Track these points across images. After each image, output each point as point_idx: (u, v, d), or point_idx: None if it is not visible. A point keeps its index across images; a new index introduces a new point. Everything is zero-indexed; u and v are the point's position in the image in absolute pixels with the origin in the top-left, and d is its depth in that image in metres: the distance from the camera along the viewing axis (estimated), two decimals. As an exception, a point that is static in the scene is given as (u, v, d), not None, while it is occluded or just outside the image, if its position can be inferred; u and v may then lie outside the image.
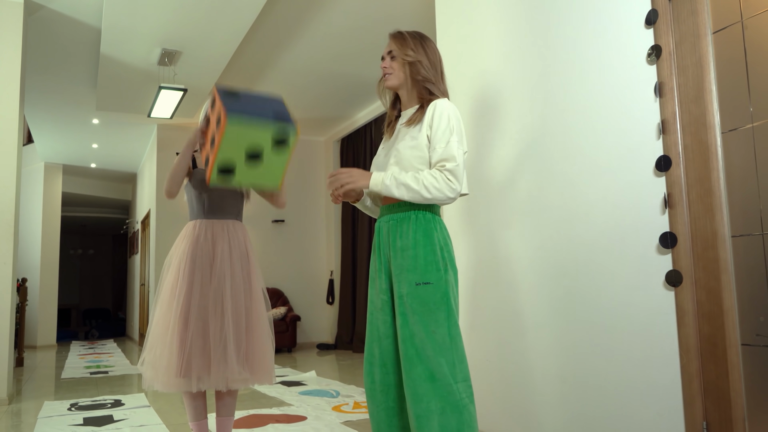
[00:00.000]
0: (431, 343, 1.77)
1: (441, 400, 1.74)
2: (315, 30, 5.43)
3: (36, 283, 9.90)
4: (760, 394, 1.86)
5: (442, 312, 1.80)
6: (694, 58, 2.05)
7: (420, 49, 2.00)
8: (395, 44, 2.02)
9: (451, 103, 1.93)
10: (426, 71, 1.97)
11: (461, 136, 1.89)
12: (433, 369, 1.76)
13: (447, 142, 1.84)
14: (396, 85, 2.02)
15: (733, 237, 1.95)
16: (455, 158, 1.82)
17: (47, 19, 5.10)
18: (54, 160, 10.13)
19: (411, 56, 1.98)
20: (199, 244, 2.54)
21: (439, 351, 1.77)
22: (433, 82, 1.97)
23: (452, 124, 1.87)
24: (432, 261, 1.82)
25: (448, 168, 1.82)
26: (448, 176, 1.82)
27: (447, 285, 1.83)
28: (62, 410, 4.14)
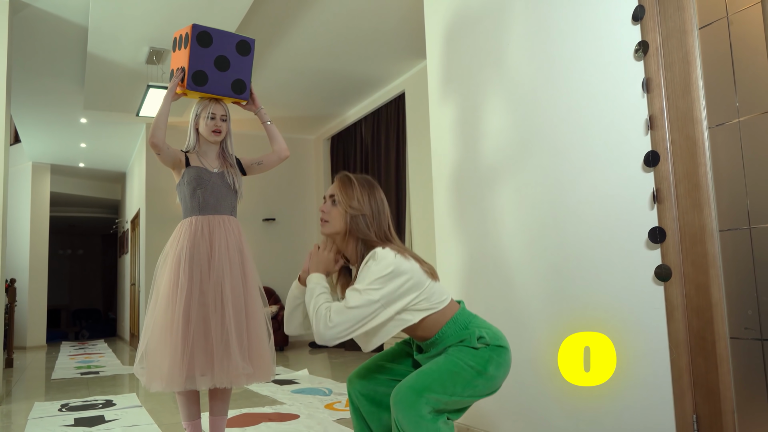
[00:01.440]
0: (443, 374, 1.73)
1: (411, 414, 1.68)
2: (304, 28, 5.42)
3: (25, 284, 9.83)
4: (749, 387, 1.88)
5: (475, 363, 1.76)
6: (680, 53, 2.06)
7: (366, 199, 1.89)
8: (339, 190, 1.92)
9: (387, 249, 1.81)
10: (368, 228, 1.87)
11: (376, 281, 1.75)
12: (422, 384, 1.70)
13: (351, 291, 1.77)
14: (331, 233, 1.92)
15: (721, 231, 1.96)
16: (348, 301, 1.74)
17: (33, 18, 5.05)
18: (42, 159, 10.05)
19: (355, 208, 1.88)
20: (197, 240, 2.53)
21: (444, 383, 1.71)
22: (372, 240, 1.87)
23: (371, 270, 1.77)
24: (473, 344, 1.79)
25: (331, 312, 1.75)
26: (327, 319, 1.74)
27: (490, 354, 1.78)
28: (53, 411, 4.12)
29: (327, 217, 1.92)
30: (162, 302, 2.50)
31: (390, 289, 1.76)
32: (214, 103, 2.64)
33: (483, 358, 1.76)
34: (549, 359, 2.54)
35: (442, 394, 1.70)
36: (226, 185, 2.64)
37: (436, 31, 3.36)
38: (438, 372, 1.73)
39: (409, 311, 1.80)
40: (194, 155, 2.65)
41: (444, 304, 1.85)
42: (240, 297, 2.53)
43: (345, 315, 1.73)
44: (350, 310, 1.73)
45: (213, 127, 2.61)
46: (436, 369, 1.74)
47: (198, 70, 2.57)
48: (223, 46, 2.62)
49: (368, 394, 1.96)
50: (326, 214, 1.92)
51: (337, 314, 1.74)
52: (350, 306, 1.73)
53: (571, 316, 2.44)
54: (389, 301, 1.76)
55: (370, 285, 1.75)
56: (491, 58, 2.92)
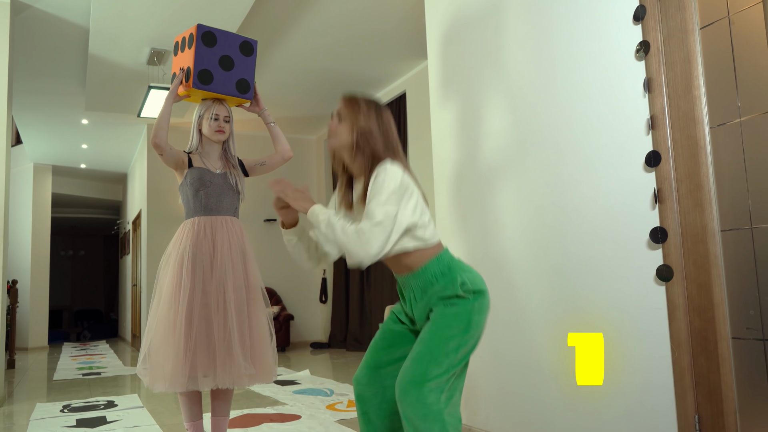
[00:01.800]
0: (435, 351, 1.75)
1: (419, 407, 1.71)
2: (304, 28, 5.42)
3: (27, 285, 9.84)
4: (751, 387, 1.88)
5: (459, 328, 1.77)
6: (682, 53, 2.06)
7: (372, 116, 1.91)
8: (345, 108, 1.94)
9: (396, 163, 1.82)
10: (375, 142, 1.89)
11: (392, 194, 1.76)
12: (422, 374, 1.72)
13: (374, 204, 1.76)
14: (337, 146, 1.94)
15: (723, 231, 1.96)
16: (374, 216, 1.73)
17: (34, 19, 5.06)
18: (43, 160, 10.06)
19: (362, 124, 1.90)
20: (199, 240, 2.53)
21: (438, 360, 1.74)
22: (381, 156, 1.88)
23: (386, 184, 1.77)
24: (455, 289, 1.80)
25: (362, 229, 1.74)
26: (360, 237, 1.73)
27: (472, 309, 1.80)
28: (55, 412, 4.12)
29: (333, 132, 1.95)
30: (165, 303, 2.50)
31: (402, 191, 1.79)
32: (217, 104, 2.65)
33: (465, 311, 1.79)
34: (550, 359, 2.53)
35: (441, 373, 1.73)
36: (229, 186, 2.64)
37: (436, 32, 3.36)
38: (429, 352, 1.75)
39: (408, 235, 1.82)
40: (197, 156, 2.65)
41: (436, 240, 1.87)
42: (242, 298, 2.54)
43: (374, 230, 1.73)
44: (378, 224, 1.73)
45: (216, 127, 2.62)
46: (426, 350, 1.75)
47: (203, 69, 2.58)
48: (227, 46, 2.64)
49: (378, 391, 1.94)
50: (332, 130, 1.95)
51: (368, 232, 1.73)
52: (378, 221, 1.73)
53: (572, 316, 2.44)
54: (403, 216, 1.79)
55: (388, 195, 1.76)
56: (492, 59, 2.92)
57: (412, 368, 1.74)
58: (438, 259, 1.86)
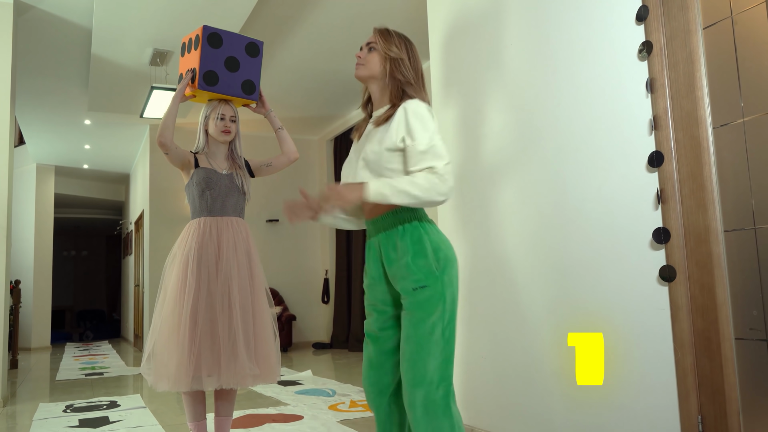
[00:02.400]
0: (426, 346, 1.75)
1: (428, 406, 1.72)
2: (307, 28, 5.42)
3: (29, 285, 9.85)
4: (754, 388, 1.88)
5: (437, 312, 1.77)
6: (684, 53, 2.06)
7: (404, 48, 1.93)
8: (379, 38, 1.95)
9: (422, 103, 1.85)
10: (407, 71, 1.90)
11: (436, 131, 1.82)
12: (423, 374, 1.73)
13: (430, 141, 1.77)
14: (366, 76, 1.94)
15: (726, 232, 1.96)
16: (443, 157, 1.76)
17: (37, 20, 5.07)
18: (46, 161, 10.08)
19: (394, 52, 1.91)
20: (204, 241, 2.54)
21: (432, 353, 1.74)
22: (412, 84, 1.90)
23: (429, 124, 1.80)
24: (425, 265, 1.78)
25: (440, 170, 1.75)
26: (440, 179, 1.74)
27: (443, 286, 1.79)
28: (57, 412, 4.13)
29: (362, 61, 1.93)
30: (169, 302, 2.50)
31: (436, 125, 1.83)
32: (223, 104, 2.66)
33: (437, 292, 1.77)
34: (552, 359, 2.53)
35: (439, 363, 1.74)
36: (235, 187, 2.65)
37: (438, 33, 3.36)
38: (421, 349, 1.74)
39: None
40: (203, 156, 2.66)
41: None
42: (247, 298, 2.54)
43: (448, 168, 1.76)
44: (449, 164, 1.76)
45: (222, 127, 2.63)
46: (417, 348, 1.75)
47: (209, 70, 2.59)
48: (232, 47, 2.65)
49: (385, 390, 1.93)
50: (362, 59, 1.94)
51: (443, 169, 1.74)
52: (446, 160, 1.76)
53: (574, 316, 2.44)
54: None
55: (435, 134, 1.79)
56: (494, 59, 2.92)
57: (411, 370, 1.74)
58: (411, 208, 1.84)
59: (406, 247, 1.81)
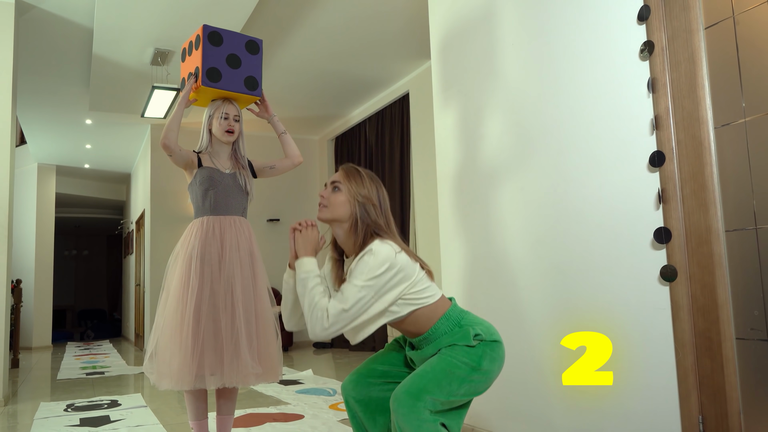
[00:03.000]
0: (438, 375, 1.71)
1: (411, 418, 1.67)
2: (308, 28, 5.42)
3: (31, 285, 9.86)
4: (755, 388, 1.88)
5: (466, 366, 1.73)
6: (686, 53, 2.06)
7: (373, 189, 1.86)
8: (345, 179, 1.87)
9: (387, 244, 1.77)
10: (375, 215, 1.84)
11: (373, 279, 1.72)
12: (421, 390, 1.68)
13: (349, 286, 1.74)
14: (329, 219, 1.87)
15: (727, 232, 1.96)
16: (347, 302, 1.71)
17: (38, 20, 5.07)
18: (47, 160, 10.09)
19: (363, 196, 1.84)
20: (208, 240, 2.54)
21: (440, 384, 1.70)
22: (381, 227, 1.84)
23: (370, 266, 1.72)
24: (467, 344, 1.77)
25: (330, 311, 1.72)
26: (324, 318, 1.72)
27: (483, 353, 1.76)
28: (58, 411, 4.13)
29: (326, 202, 1.87)
30: (172, 301, 2.51)
31: (384, 280, 1.74)
32: (227, 103, 2.67)
33: (477, 354, 1.75)
34: (553, 359, 2.53)
35: (440, 395, 1.69)
36: (238, 186, 2.66)
37: (440, 32, 3.36)
38: (433, 373, 1.72)
39: (399, 304, 1.79)
40: (206, 156, 2.67)
41: (435, 298, 1.83)
42: (250, 298, 2.54)
43: (342, 316, 1.72)
44: (346, 312, 1.72)
45: (226, 127, 2.64)
46: (431, 370, 1.73)
47: (211, 67, 2.61)
48: (233, 45, 2.67)
49: (363, 399, 1.93)
50: (325, 199, 1.87)
51: (334, 315, 1.72)
52: (347, 308, 1.72)
53: (575, 316, 2.44)
54: (383, 292, 1.75)
55: (366, 281, 1.72)
56: (495, 59, 2.92)
57: (411, 381, 1.72)
58: (446, 317, 1.81)
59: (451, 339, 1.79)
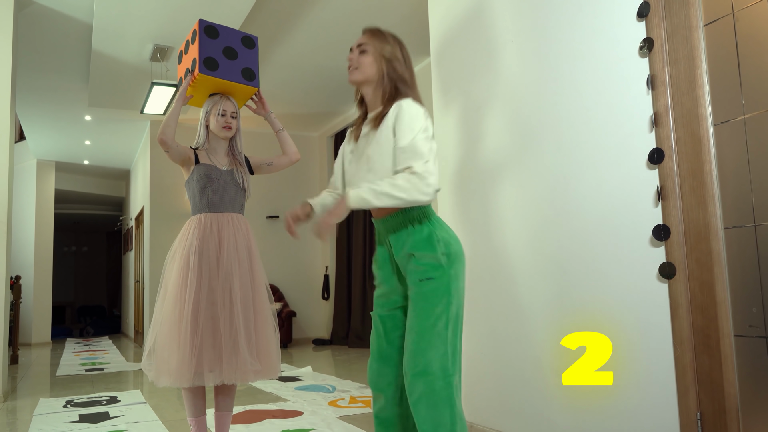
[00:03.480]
0: (428, 337, 1.76)
1: (429, 396, 1.73)
2: (308, 24, 5.42)
3: (30, 281, 9.86)
4: (754, 385, 1.88)
5: (442, 304, 1.78)
6: (685, 50, 2.05)
7: (397, 46, 1.92)
8: (371, 39, 1.92)
9: (415, 102, 1.84)
10: (402, 69, 1.90)
11: (428, 132, 1.80)
12: (425, 364, 1.74)
13: (412, 140, 1.76)
14: (361, 80, 1.92)
15: (726, 229, 1.96)
16: (423, 156, 1.75)
17: (37, 15, 5.06)
18: (46, 157, 10.08)
19: (389, 51, 1.89)
20: (205, 237, 2.54)
21: (434, 345, 1.76)
22: (407, 82, 1.89)
23: (416, 123, 1.78)
24: (432, 258, 1.79)
25: (419, 170, 1.74)
26: (420, 179, 1.74)
27: (449, 279, 1.79)
28: (58, 407, 4.14)
29: (356, 64, 1.90)
30: (170, 298, 2.51)
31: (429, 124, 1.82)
32: (224, 100, 2.66)
33: (443, 284, 1.78)
34: (552, 356, 2.53)
35: (441, 354, 1.74)
36: (235, 183, 2.65)
37: (439, 29, 3.35)
38: (423, 340, 1.75)
39: None
40: (203, 152, 2.66)
41: None
42: (248, 294, 2.54)
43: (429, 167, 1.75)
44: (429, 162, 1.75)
45: (224, 123, 2.64)
46: (419, 338, 1.76)
47: (209, 56, 2.61)
48: (229, 39, 2.69)
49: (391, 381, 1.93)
50: (355, 61, 1.91)
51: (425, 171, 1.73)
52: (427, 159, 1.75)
53: (574, 314, 2.44)
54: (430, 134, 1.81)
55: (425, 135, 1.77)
56: (494, 56, 2.92)
57: (413, 360, 1.75)
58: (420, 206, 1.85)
59: (414, 243, 1.82)
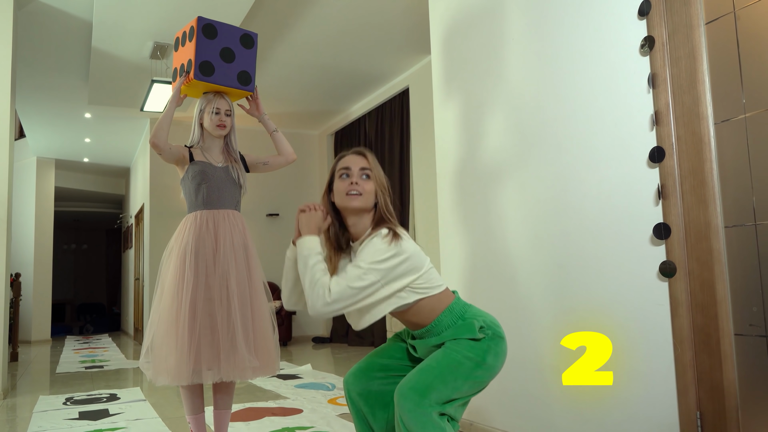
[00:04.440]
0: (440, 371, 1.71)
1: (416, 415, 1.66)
2: (308, 23, 5.41)
3: (30, 278, 9.86)
4: (753, 384, 1.88)
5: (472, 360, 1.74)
6: (686, 49, 2.05)
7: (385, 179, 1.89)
8: (374, 165, 1.86)
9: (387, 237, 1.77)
10: (389, 202, 1.87)
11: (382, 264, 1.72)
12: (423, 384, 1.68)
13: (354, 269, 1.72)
14: (362, 208, 1.85)
15: (726, 228, 1.96)
16: (349, 286, 1.70)
17: (37, 13, 5.05)
18: (46, 154, 10.07)
19: (386, 182, 1.86)
20: (202, 234, 2.53)
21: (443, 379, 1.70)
22: (392, 214, 1.86)
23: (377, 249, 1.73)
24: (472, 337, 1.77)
25: (333, 290, 1.71)
26: (327, 295, 1.71)
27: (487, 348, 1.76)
28: (57, 404, 4.14)
29: (361, 190, 1.84)
30: (167, 296, 2.50)
31: (391, 266, 1.73)
32: (218, 98, 2.65)
33: (481, 348, 1.76)
34: (552, 354, 2.53)
35: (444, 390, 1.69)
36: (231, 180, 2.64)
37: (440, 27, 3.35)
38: (438, 368, 1.72)
39: (407, 291, 1.78)
40: (198, 150, 2.65)
41: (441, 289, 1.83)
42: (245, 291, 2.54)
43: (345, 293, 1.70)
44: (351, 288, 1.70)
45: (218, 121, 2.62)
46: (436, 365, 1.73)
47: (204, 61, 2.58)
48: (227, 38, 2.64)
49: (364, 392, 1.93)
50: (360, 187, 1.84)
51: (337, 292, 1.70)
52: (352, 285, 1.70)
53: (574, 312, 2.44)
54: (390, 279, 1.74)
55: (372, 264, 1.72)
56: (496, 54, 2.91)
57: (417, 377, 1.71)
58: (450, 310, 1.82)
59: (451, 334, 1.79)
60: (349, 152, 1.92)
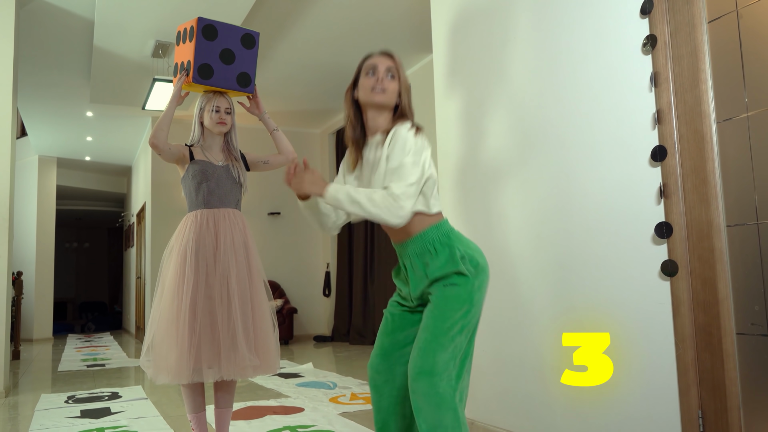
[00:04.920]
0: (441, 339, 1.75)
1: (432, 397, 1.72)
2: (310, 21, 5.41)
3: (32, 277, 9.88)
4: (755, 383, 1.88)
5: (462, 311, 1.78)
6: (689, 47, 2.05)
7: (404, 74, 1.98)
8: (399, 66, 1.95)
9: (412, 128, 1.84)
10: (410, 102, 1.95)
11: (419, 156, 1.78)
12: (431, 365, 1.73)
13: (399, 163, 1.77)
14: (385, 103, 1.92)
15: (728, 227, 1.95)
16: (405, 179, 1.74)
17: (39, 11, 5.06)
18: (48, 153, 10.09)
19: (408, 83, 1.94)
20: (202, 233, 2.53)
21: (445, 347, 1.75)
22: (412, 112, 1.94)
23: (407, 145, 1.78)
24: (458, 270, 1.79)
25: (396, 192, 1.73)
26: (395, 200, 1.73)
27: (473, 289, 1.80)
28: (59, 403, 4.14)
29: (386, 87, 1.91)
30: (168, 295, 2.50)
31: (425, 157, 1.81)
32: (218, 96, 2.64)
33: (465, 291, 1.79)
34: (553, 354, 2.53)
35: (450, 358, 1.74)
36: (231, 178, 2.64)
37: (442, 25, 3.35)
38: (435, 340, 1.75)
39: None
40: (198, 149, 2.65)
41: (438, 208, 1.88)
42: (246, 290, 2.54)
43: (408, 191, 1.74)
44: (411, 187, 1.74)
45: (218, 119, 2.62)
46: (432, 338, 1.75)
47: (203, 63, 2.56)
48: (228, 39, 2.62)
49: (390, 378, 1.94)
50: (385, 84, 1.91)
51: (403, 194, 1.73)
52: (410, 182, 1.74)
53: (575, 311, 2.44)
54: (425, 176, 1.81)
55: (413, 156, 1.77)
56: (497, 53, 2.91)
57: (420, 358, 1.75)
58: (437, 227, 1.86)
59: (437, 267, 1.82)
60: (377, 52, 2.01)
